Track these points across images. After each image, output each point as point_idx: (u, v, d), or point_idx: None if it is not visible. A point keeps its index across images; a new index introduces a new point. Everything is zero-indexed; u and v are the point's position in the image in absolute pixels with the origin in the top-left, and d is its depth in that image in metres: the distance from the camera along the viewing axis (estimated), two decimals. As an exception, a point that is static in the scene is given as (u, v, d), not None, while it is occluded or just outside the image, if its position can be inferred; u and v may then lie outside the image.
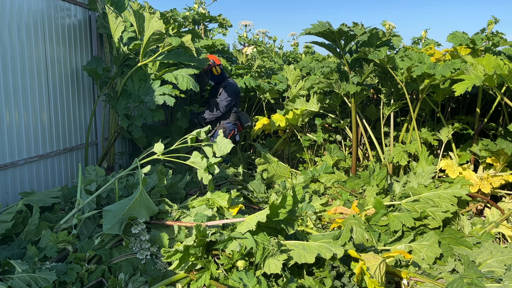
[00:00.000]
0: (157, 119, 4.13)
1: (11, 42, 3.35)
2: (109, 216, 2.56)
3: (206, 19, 6.85)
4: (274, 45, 10.22)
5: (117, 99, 4.16)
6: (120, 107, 4.10)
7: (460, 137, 5.34)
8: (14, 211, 2.70)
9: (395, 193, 4.14)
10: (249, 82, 5.86)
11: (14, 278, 2.10)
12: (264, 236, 2.57)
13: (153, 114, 4.09)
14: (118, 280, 2.34)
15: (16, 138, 3.46)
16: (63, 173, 4.09)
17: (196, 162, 3.01)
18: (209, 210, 2.95)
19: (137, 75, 4.15)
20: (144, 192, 2.73)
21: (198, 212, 2.89)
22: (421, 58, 4.31)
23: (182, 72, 4.17)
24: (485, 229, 3.59)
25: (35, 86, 3.63)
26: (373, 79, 5.45)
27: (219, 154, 3.09)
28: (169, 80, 4.13)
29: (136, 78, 4.15)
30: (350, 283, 2.53)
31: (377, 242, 3.41)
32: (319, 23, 4.24)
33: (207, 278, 2.35)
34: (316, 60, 6.73)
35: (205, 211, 2.94)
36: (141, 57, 4.07)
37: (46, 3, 3.72)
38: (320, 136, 5.45)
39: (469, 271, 2.60)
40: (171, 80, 4.11)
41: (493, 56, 3.69)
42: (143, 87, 4.11)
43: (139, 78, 4.15)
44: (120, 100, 4.12)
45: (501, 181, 4.02)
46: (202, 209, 2.97)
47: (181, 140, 3.13)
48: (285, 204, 2.54)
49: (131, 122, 4.09)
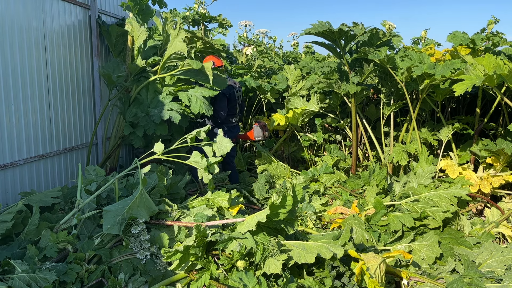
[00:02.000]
0: (159, 133, 4.07)
1: (11, 42, 3.35)
2: (109, 216, 2.56)
3: (206, 19, 6.85)
4: (274, 45, 10.22)
5: (128, 105, 4.16)
6: (129, 114, 4.10)
7: (460, 137, 5.34)
8: (14, 211, 2.70)
9: (395, 193, 4.14)
10: (249, 82, 5.86)
11: (14, 278, 2.10)
12: (264, 236, 2.57)
13: (156, 128, 4.04)
14: (118, 280, 2.34)
15: (16, 138, 3.46)
16: (63, 173, 4.09)
17: (196, 162, 3.01)
18: (209, 210, 2.95)
19: (152, 87, 4.15)
20: (144, 192, 2.73)
21: (198, 212, 2.89)
22: (421, 58, 4.31)
23: (197, 93, 4.09)
24: (485, 229, 3.59)
25: (35, 86, 3.63)
26: (373, 79, 5.45)
27: (219, 154, 3.09)
28: (182, 100, 4.08)
29: (151, 89, 4.15)
30: (350, 283, 2.53)
31: (377, 242, 3.41)
32: (319, 23, 4.24)
33: (207, 278, 2.35)
34: (316, 60, 6.73)
35: (205, 211, 2.94)
36: (159, 70, 4.07)
37: (46, 3, 3.72)
38: (320, 136, 5.45)
39: (469, 271, 2.60)
40: (184, 100, 4.06)
41: (493, 56, 3.69)
42: (155, 99, 4.11)
43: (154, 89, 4.15)
44: (130, 108, 4.12)
45: (501, 181, 4.02)
46: (202, 209, 2.96)
47: (181, 140, 3.13)
48: (285, 204, 2.54)
49: (133, 130, 4.08)
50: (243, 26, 8.31)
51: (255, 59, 8.15)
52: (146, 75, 4.21)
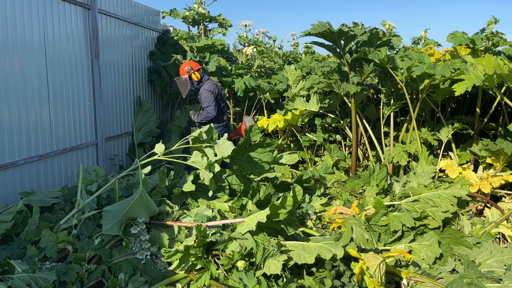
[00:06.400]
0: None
1: (12, 42, 3.35)
2: (109, 216, 2.56)
3: (206, 19, 6.85)
4: (274, 45, 10.22)
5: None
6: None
7: (460, 137, 5.34)
8: (14, 211, 2.70)
9: (395, 193, 4.14)
10: (249, 82, 5.86)
11: (14, 278, 2.10)
12: (264, 236, 2.57)
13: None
14: (118, 280, 2.34)
15: (16, 138, 3.46)
16: (63, 173, 4.09)
17: (197, 162, 3.00)
18: (209, 211, 2.95)
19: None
20: (145, 193, 2.73)
21: (198, 213, 2.89)
22: (421, 58, 4.31)
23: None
24: (485, 229, 3.59)
25: (35, 86, 3.63)
26: (373, 79, 5.45)
27: (220, 156, 3.07)
28: None
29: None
30: (350, 283, 2.54)
31: (377, 242, 3.41)
32: (319, 23, 4.23)
33: (207, 278, 2.35)
34: (316, 60, 6.73)
35: (205, 211, 2.94)
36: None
37: (46, 3, 3.72)
38: (320, 136, 5.45)
39: (469, 271, 2.60)
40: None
41: (493, 56, 3.69)
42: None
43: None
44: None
45: (501, 181, 4.02)
46: (202, 210, 2.96)
47: (182, 141, 3.13)
48: (285, 204, 2.54)
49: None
50: (243, 26, 8.31)
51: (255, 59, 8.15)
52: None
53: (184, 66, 5.02)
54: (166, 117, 6.51)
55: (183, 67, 5.03)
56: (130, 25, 5.34)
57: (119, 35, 5.08)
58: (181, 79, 5.06)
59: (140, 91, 5.68)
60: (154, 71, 5.97)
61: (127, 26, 5.27)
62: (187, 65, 5.00)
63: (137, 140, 5.45)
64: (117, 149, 5.16)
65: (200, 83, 5.04)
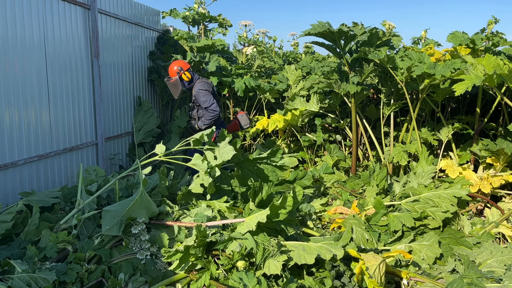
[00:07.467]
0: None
1: (12, 42, 3.35)
2: (108, 216, 2.55)
3: (206, 19, 6.85)
4: (274, 45, 10.22)
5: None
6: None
7: (460, 137, 5.34)
8: (14, 211, 2.70)
9: (395, 193, 4.14)
10: (249, 82, 5.85)
11: (14, 278, 2.10)
12: (264, 236, 2.57)
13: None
14: (118, 280, 2.34)
15: (16, 138, 3.46)
16: (63, 173, 4.09)
17: (197, 164, 3.00)
18: (209, 211, 2.95)
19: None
20: (145, 193, 2.73)
21: (198, 213, 2.89)
22: (421, 58, 4.31)
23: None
24: (485, 229, 3.59)
25: (35, 86, 3.63)
26: (373, 79, 5.44)
27: (220, 159, 3.05)
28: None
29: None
30: (350, 283, 2.54)
31: (377, 242, 3.41)
32: (319, 23, 4.23)
33: (207, 278, 2.35)
34: (316, 60, 6.73)
35: (205, 211, 2.94)
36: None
37: (46, 3, 3.72)
38: (320, 136, 5.44)
39: (469, 271, 2.60)
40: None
41: (493, 56, 3.69)
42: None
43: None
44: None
45: (501, 181, 4.02)
46: (202, 210, 2.96)
47: (183, 143, 3.13)
48: (285, 204, 2.54)
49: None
50: (243, 26, 8.31)
51: (255, 59, 8.15)
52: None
53: (173, 66, 4.74)
54: (166, 117, 6.51)
55: (172, 68, 4.76)
56: (130, 25, 5.34)
57: (119, 35, 5.08)
58: (170, 80, 4.81)
59: (140, 91, 5.68)
60: (154, 71, 5.97)
61: (127, 26, 5.27)
62: (176, 65, 4.74)
63: (137, 140, 5.45)
64: (117, 149, 5.15)
65: (191, 83, 4.82)
